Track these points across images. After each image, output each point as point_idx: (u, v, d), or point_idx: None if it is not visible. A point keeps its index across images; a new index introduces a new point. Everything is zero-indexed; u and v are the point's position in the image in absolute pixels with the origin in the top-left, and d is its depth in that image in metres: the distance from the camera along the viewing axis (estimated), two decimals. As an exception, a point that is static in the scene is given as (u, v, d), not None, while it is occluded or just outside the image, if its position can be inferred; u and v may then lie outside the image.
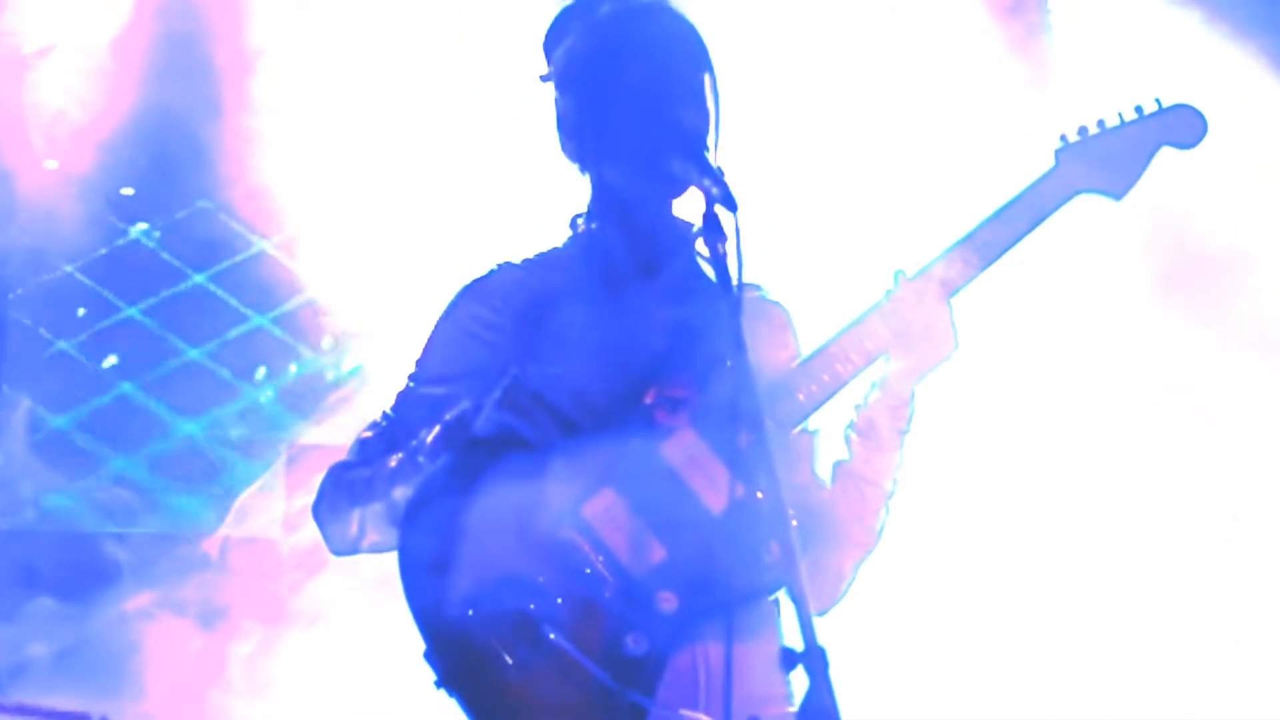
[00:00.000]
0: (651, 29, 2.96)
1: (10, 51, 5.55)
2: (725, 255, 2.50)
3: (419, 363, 3.02)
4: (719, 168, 2.69)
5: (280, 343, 5.83)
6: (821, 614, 3.02)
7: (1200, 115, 3.08)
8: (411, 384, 3.01)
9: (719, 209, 2.56)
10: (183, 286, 5.86)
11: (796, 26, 5.49)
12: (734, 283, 2.47)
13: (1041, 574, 5.26)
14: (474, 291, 3.02)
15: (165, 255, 5.86)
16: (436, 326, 3.02)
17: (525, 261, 3.05)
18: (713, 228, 2.54)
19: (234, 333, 5.83)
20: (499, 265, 3.05)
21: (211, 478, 5.71)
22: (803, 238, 4.97)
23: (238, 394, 5.80)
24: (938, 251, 2.95)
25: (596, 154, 2.98)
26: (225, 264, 5.85)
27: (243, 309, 5.84)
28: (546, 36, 3.09)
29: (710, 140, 2.91)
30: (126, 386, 5.77)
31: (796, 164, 5.20)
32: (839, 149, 5.32)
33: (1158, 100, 3.08)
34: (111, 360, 5.78)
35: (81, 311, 5.79)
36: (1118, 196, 3.05)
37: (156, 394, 5.76)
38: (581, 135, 2.98)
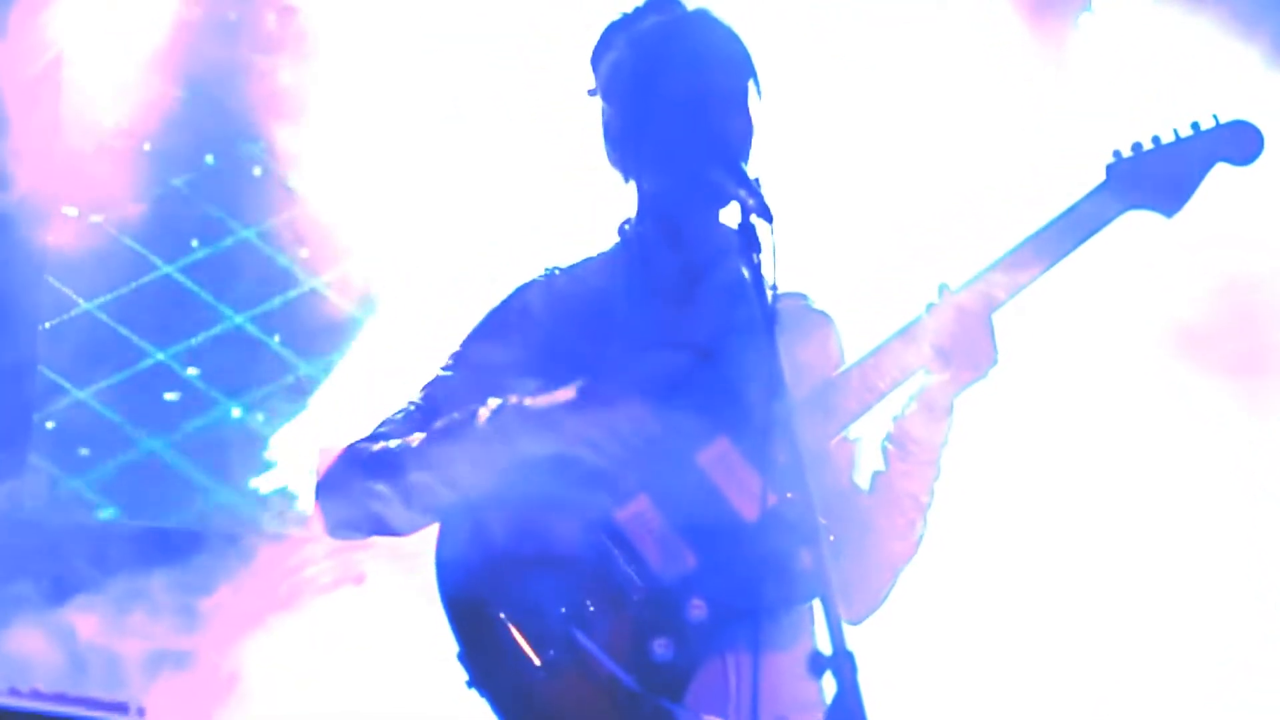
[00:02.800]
0: (695, 39, 2.98)
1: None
2: (760, 265, 2.51)
3: (453, 355, 3.02)
4: (756, 178, 2.69)
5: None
6: (857, 622, 3.03)
7: (1257, 131, 3.04)
8: (441, 372, 3.00)
9: (755, 219, 2.57)
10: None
11: (838, 37, 5.49)
12: (769, 293, 2.47)
13: (1071, 586, 5.24)
14: (520, 294, 3.04)
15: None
16: (478, 325, 3.04)
17: (572, 267, 3.08)
18: (748, 238, 2.55)
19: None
20: (546, 270, 3.08)
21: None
22: (851, 248, 4.96)
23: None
24: (983, 265, 2.94)
25: (639, 163, 3.00)
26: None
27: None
28: (594, 52, 3.11)
29: (749, 149, 2.92)
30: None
31: (847, 174, 5.20)
32: (890, 161, 5.31)
33: (1215, 116, 3.05)
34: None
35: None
36: (1169, 214, 3.02)
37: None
38: (625, 145, 3.01)
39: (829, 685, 2.25)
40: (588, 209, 3.37)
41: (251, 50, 5.78)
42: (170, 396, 5.90)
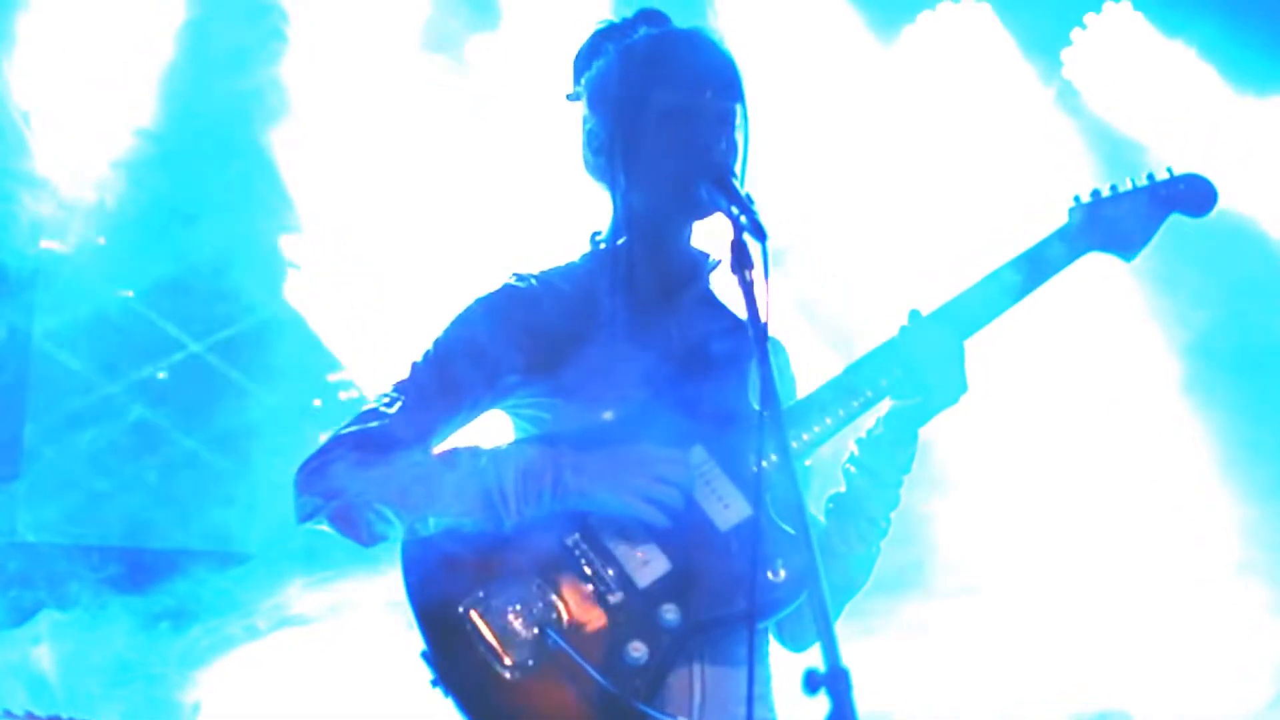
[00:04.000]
0: (686, 54, 2.98)
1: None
2: (753, 284, 2.51)
3: (437, 344, 2.97)
4: (748, 195, 2.71)
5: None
6: (800, 650, 3.02)
7: (1210, 185, 3.14)
8: (418, 371, 2.95)
9: (747, 237, 2.57)
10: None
11: (820, 61, 5.56)
12: (761, 311, 2.48)
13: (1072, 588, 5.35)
14: (501, 294, 3.00)
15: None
16: (450, 326, 2.99)
17: (545, 273, 3.04)
18: (740, 256, 2.55)
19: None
20: (515, 275, 3.03)
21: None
22: (820, 270, 5.01)
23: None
24: (954, 293, 2.99)
25: (625, 174, 2.98)
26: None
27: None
28: (577, 56, 3.10)
29: (739, 168, 2.94)
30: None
31: (816, 198, 5.26)
32: (862, 186, 5.38)
33: (1169, 169, 3.15)
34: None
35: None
36: (1128, 258, 3.12)
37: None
38: (610, 155, 2.99)
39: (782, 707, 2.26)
40: (557, 214, 3.33)
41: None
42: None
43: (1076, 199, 3.12)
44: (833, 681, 2.06)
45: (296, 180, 5.78)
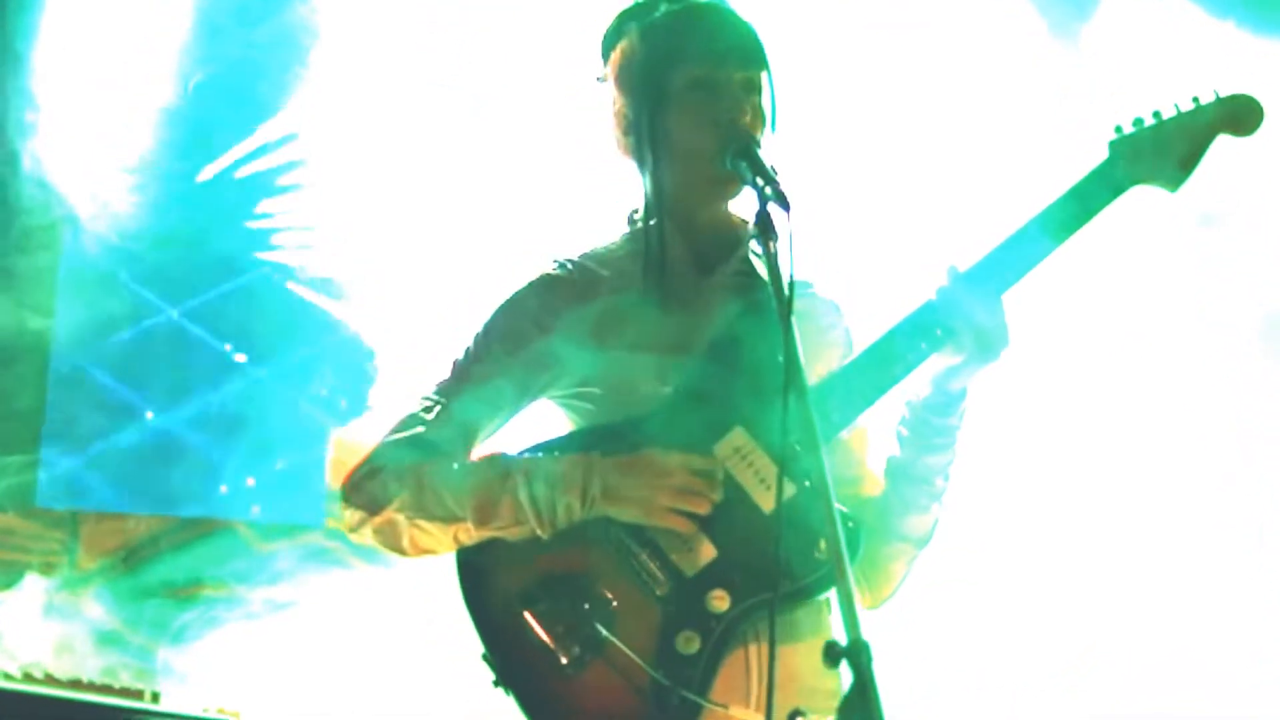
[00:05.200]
0: (707, 26, 2.97)
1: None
2: (778, 254, 2.50)
3: (474, 347, 2.98)
4: (773, 166, 2.69)
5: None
6: (873, 609, 3.05)
7: (1256, 103, 3.04)
8: (461, 369, 2.97)
9: (772, 208, 2.56)
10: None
11: (847, 26, 5.47)
12: (786, 282, 2.46)
13: (1084, 578, 5.27)
14: (539, 285, 3.00)
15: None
16: (498, 316, 3.00)
17: (583, 257, 3.05)
18: (765, 227, 2.53)
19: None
20: (557, 262, 3.04)
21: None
22: (856, 232, 4.95)
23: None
24: (991, 246, 2.94)
25: (652, 151, 2.97)
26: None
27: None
28: (604, 39, 3.10)
29: (764, 139, 2.91)
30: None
31: (854, 162, 5.19)
32: (898, 147, 5.30)
33: (1215, 91, 3.05)
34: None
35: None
36: (1173, 188, 3.03)
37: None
38: (638, 133, 2.99)
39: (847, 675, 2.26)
40: (587, 198, 3.33)
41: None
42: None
43: (1118, 129, 3.04)
44: (854, 654, 2.09)
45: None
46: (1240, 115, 3.04)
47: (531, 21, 5.46)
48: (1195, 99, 3.04)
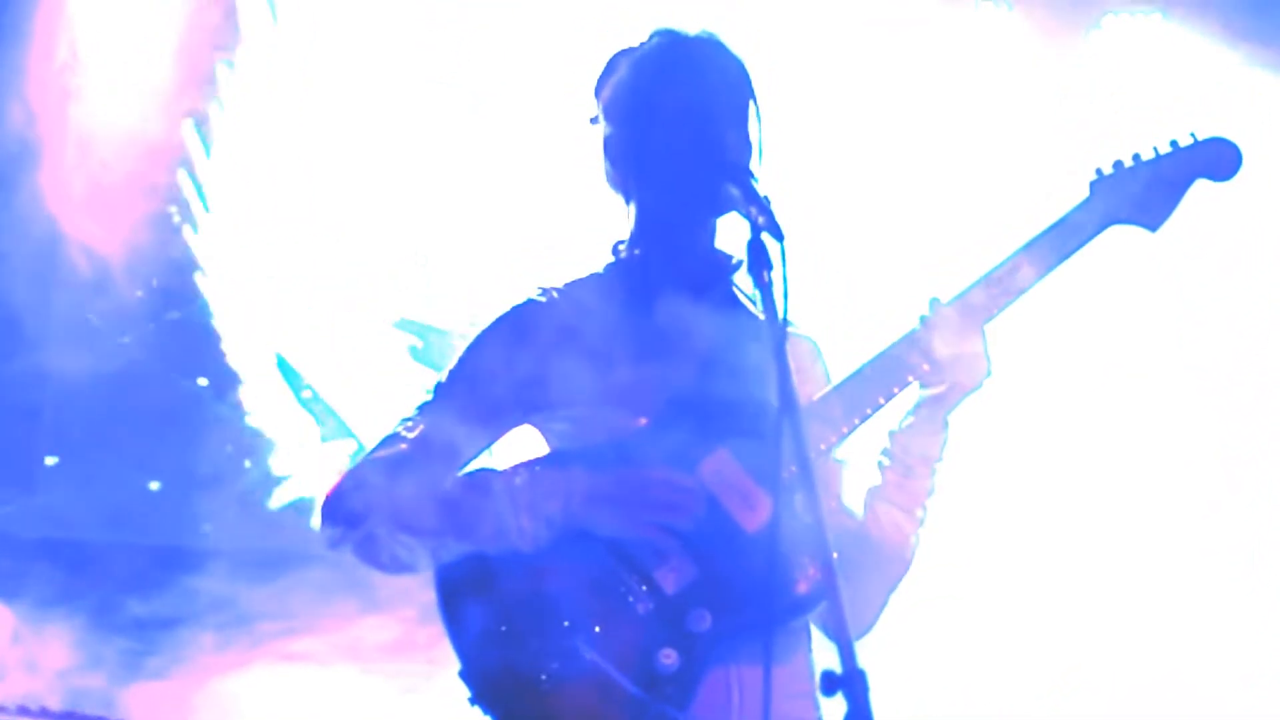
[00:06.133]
0: (696, 58, 3.00)
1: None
2: (771, 284, 2.51)
3: (457, 370, 2.99)
4: (765, 195, 2.70)
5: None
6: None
7: (1235, 148, 3.10)
8: (443, 390, 2.96)
9: (765, 237, 2.57)
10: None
11: (830, 53, 5.52)
12: (779, 311, 2.48)
13: (1069, 597, 5.30)
14: (523, 311, 3.01)
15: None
16: (482, 339, 3.00)
17: (568, 286, 3.05)
18: (759, 256, 2.54)
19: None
20: (541, 290, 3.04)
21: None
22: (838, 263, 4.99)
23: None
24: (973, 278, 2.97)
25: (640, 179, 3.00)
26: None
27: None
28: (598, 81, 3.11)
29: (755, 168, 2.94)
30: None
31: (831, 191, 5.23)
32: (874, 177, 5.34)
33: (1193, 134, 3.11)
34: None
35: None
36: (1153, 229, 3.08)
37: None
38: (626, 161, 3.01)
39: (827, 704, 2.26)
40: (585, 197, 3.31)
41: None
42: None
43: (1098, 171, 3.09)
44: (850, 684, 2.08)
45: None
46: (1217, 161, 3.10)
47: (530, 19, 5.47)
48: (1174, 141, 3.09)
